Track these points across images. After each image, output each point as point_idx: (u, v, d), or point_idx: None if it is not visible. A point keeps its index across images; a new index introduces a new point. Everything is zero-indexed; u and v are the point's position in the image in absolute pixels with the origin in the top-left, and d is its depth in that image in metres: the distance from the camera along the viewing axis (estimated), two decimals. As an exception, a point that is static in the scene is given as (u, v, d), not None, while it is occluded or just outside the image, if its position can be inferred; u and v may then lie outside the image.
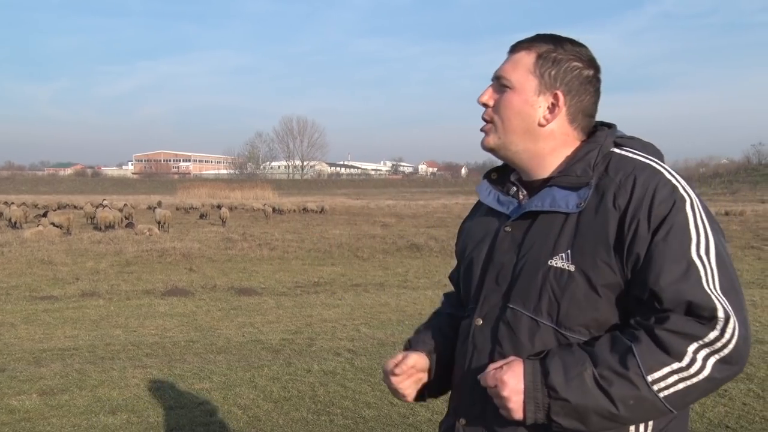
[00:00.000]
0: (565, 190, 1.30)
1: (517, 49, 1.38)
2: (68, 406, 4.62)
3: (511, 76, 1.35)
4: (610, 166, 1.30)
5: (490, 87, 1.39)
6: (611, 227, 1.22)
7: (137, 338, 6.83)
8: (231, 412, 4.52)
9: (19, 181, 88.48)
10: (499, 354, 1.30)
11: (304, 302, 9.09)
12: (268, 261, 13.69)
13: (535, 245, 1.30)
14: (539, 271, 1.27)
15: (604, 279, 1.22)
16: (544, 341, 1.26)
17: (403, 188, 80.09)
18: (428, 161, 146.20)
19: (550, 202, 1.30)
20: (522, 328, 1.28)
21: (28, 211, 25.95)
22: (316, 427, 4.29)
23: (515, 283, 1.31)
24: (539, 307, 1.26)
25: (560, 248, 1.26)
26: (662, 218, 1.19)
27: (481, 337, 1.35)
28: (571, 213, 1.28)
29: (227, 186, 62.67)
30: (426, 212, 30.55)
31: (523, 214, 1.35)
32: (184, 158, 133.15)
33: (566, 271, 1.24)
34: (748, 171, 69.13)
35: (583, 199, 1.27)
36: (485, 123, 1.39)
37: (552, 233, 1.29)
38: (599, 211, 1.25)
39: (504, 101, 1.36)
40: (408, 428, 4.25)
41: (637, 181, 1.23)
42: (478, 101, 1.39)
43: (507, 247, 1.35)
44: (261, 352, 6.20)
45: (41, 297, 9.39)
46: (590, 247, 1.23)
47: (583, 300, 1.23)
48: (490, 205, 1.45)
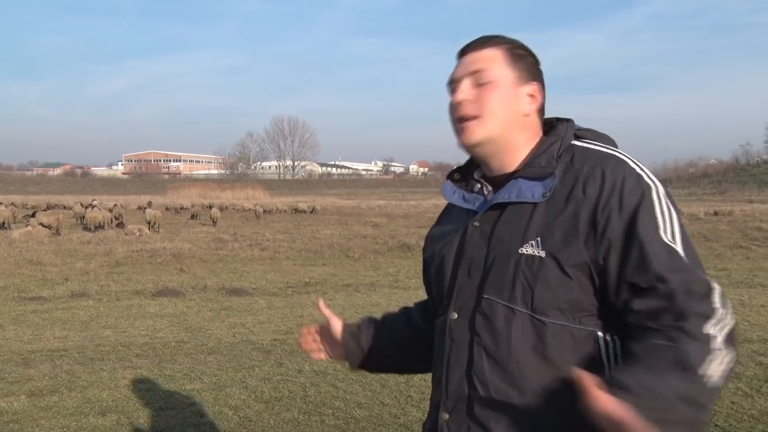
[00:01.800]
0: (530, 181, 1.33)
1: (478, 47, 1.40)
2: (57, 408, 4.59)
3: (492, 70, 1.37)
4: (575, 157, 1.34)
5: (462, 83, 1.39)
6: (582, 215, 1.25)
7: (127, 339, 6.80)
8: (222, 413, 4.51)
9: (7, 181, 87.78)
10: (478, 344, 1.31)
11: (295, 302, 9.08)
12: (259, 261, 13.66)
13: (505, 235, 1.32)
14: (511, 260, 1.29)
15: (575, 262, 1.25)
16: (521, 328, 1.28)
17: (394, 188, 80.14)
18: (419, 161, 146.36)
19: (516, 193, 1.33)
20: (498, 317, 1.30)
21: (16, 212, 25.76)
22: (307, 427, 4.29)
23: (488, 274, 1.33)
24: (513, 294, 1.28)
25: (530, 236, 1.29)
26: (633, 207, 1.24)
27: (458, 330, 1.36)
28: (538, 203, 1.31)
29: (218, 186, 62.44)
30: (417, 212, 30.56)
31: (490, 207, 1.38)
32: (175, 158, 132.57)
33: (537, 257, 1.27)
34: (736, 171, 69.67)
35: (548, 188, 1.30)
36: (467, 119, 1.38)
37: (521, 223, 1.31)
38: (569, 199, 1.28)
39: (489, 94, 1.37)
40: (399, 428, 4.25)
41: (606, 172, 1.28)
42: (456, 100, 1.38)
43: (477, 240, 1.37)
44: (252, 353, 6.18)
45: (30, 298, 9.32)
46: (560, 234, 1.26)
47: (555, 284, 1.26)
48: (456, 203, 1.48)
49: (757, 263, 13.83)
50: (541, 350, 1.26)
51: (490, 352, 1.30)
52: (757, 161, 73.10)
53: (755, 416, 4.26)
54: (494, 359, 1.29)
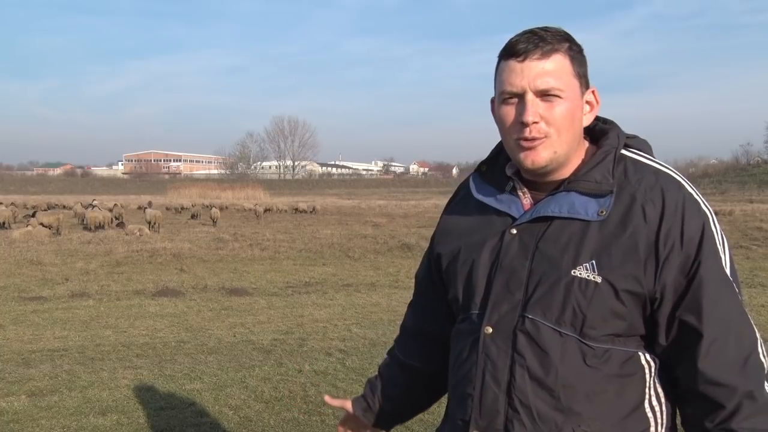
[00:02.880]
0: (584, 196, 1.26)
1: (544, 54, 1.24)
2: (57, 408, 4.59)
3: (563, 84, 1.24)
4: (629, 172, 1.27)
5: (531, 100, 1.24)
6: (642, 241, 1.21)
7: (127, 339, 6.80)
8: (222, 413, 4.51)
9: (7, 181, 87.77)
10: (521, 366, 1.25)
11: (295, 302, 9.07)
12: (259, 261, 13.65)
13: (554, 253, 1.25)
14: (561, 281, 1.23)
15: (631, 290, 1.21)
16: (568, 351, 1.23)
17: (394, 188, 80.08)
18: (419, 161, 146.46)
19: (568, 209, 1.26)
20: (545, 339, 1.24)
21: (16, 212, 25.76)
22: (308, 427, 4.29)
23: (534, 292, 1.25)
24: (562, 318, 1.23)
25: (583, 258, 1.23)
26: (697, 240, 1.21)
27: (495, 347, 1.29)
28: (591, 221, 1.24)
29: (218, 186, 62.33)
30: (417, 212, 30.54)
31: (533, 219, 1.29)
32: (175, 158, 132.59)
33: (592, 282, 1.21)
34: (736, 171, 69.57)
35: (604, 207, 1.24)
36: (534, 140, 1.25)
37: (572, 241, 1.24)
38: (626, 222, 1.22)
39: (559, 112, 1.24)
40: (399, 428, 4.25)
41: (666, 195, 1.23)
42: (528, 120, 1.23)
43: (516, 252, 1.29)
44: (252, 353, 6.18)
45: (30, 298, 9.32)
46: (619, 259, 1.21)
47: (609, 311, 1.21)
48: (488, 203, 1.37)
49: (757, 263, 13.83)
50: (588, 374, 1.23)
51: (534, 375, 1.24)
52: (757, 161, 73.02)
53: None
54: (539, 382, 1.23)
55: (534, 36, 1.24)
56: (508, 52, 1.26)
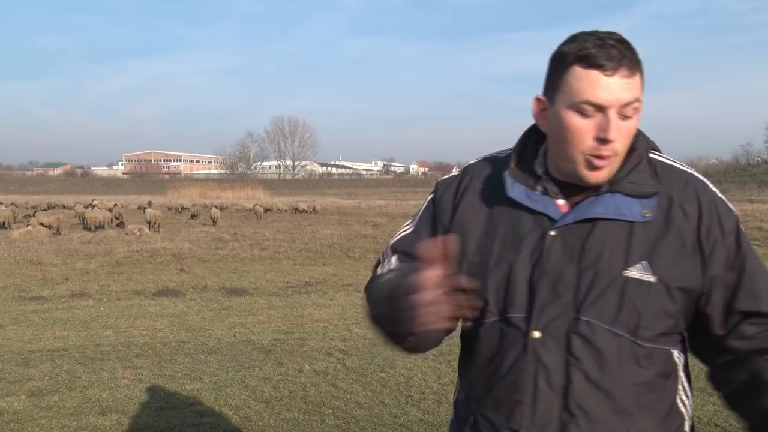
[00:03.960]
0: (628, 197, 1.26)
1: (631, 72, 1.21)
2: (57, 408, 4.60)
3: (639, 102, 1.23)
4: (658, 173, 1.31)
5: (614, 117, 1.20)
6: (688, 238, 1.25)
7: (127, 339, 6.80)
8: (222, 413, 4.51)
9: (7, 181, 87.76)
10: (577, 369, 1.24)
11: (295, 302, 9.08)
12: (259, 261, 13.65)
13: (604, 255, 1.25)
14: (615, 283, 1.23)
15: (683, 287, 1.25)
16: (623, 352, 1.25)
17: (394, 188, 79.96)
18: (419, 161, 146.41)
19: (614, 210, 1.26)
20: (601, 341, 1.24)
21: (16, 212, 25.78)
22: (308, 427, 4.29)
23: (587, 294, 1.24)
24: (618, 319, 1.23)
25: (634, 258, 1.24)
26: (735, 234, 1.28)
27: (546, 351, 1.26)
28: (635, 222, 1.25)
29: (218, 186, 62.38)
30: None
31: (578, 220, 1.28)
32: (175, 158, 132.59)
33: (646, 282, 1.23)
34: (736, 171, 69.53)
35: (649, 208, 1.26)
36: (607, 158, 1.23)
37: (619, 243, 1.25)
38: (669, 221, 1.26)
39: (630, 131, 1.24)
40: (399, 428, 4.25)
41: (699, 193, 1.29)
42: (613, 137, 1.20)
43: (559, 254, 1.27)
44: (252, 353, 6.19)
45: (30, 297, 9.32)
46: (670, 258, 1.24)
47: (662, 310, 1.24)
48: (522, 202, 1.32)
49: (758, 263, 13.85)
50: (640, 374, 1.25)
51: (592, 378, 1.24)
52: (757, 161, 72.99)
53: (755, 416, 4.26)
54: (596, 385, 1.24)
55: (613, 48, 1.20)
56: (590, 62, 1.19)
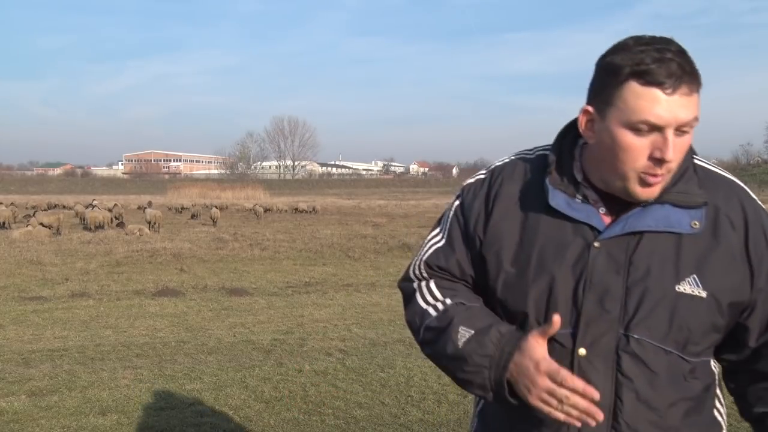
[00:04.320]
0: (677, 208, 1.21)
1: (693, 89, 1.14)
2: (57, 408, 4.60)
3: (696, 122, 1.17)
4: (702, 181, 1.25)
5: (672, 137, 1.14)
6: (736, 249, 1.21)
7: (127, 339, 6.80)
8: (222, 413, 4.51)
9: (7, 181, 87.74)
10: (629, 389, 1.20)
11: (295, 302, 9.07)
12: (259, 261, 13.65)
13: (652, 268, 1.20)
14: (666, 298, 1.19)
15: (733, 302, 1.21)
16: (673, 369, 1.21)
17: (394, 188, 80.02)
18: (419, 161, 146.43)
19: (665, 222, 1.20)
20: (652, 359, 1.19)
21: (16, 212, 25.76)
22: (308, 427, 4.29)
23: (637, 311, 1.19)
24: (669, 335, 1.19)
25: (684, 273, 1.19)
26: None
27: (594, 370, 1.21)
28: (684, 234, 1.20)
29: (218, 186, 62.36)
30: (417, 212, 30.56)
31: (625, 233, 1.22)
32: (175, 158, 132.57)
33: (697, 297, 1.18)
34: (737, 171, 69.48)
35: (697, 219, 1.20)
36: (659, 176, 1.17)
37: (668, 256, 1.20)
38: (717, 233, 1.21)
39: (683, 147, 1.18)
40: (399, 428, 4.25)
41: (744, 203, 1.25)
42: (670, 158, 1.14)
43: (605, 267, 1.21)
44: (252, 353, 6.18)
45: (30, 297, 9.32)
46: (720, 271, 1.20)
47: (711, 325, 1.21)
48: (561, 210, 1.25)
49: (758, 263, 13.85)
50: (687, 389, 1.22)
51: (643, 397, 1.20)
52: (757, 161, 73.02)
53: (755, 416, 4.26)
54: (647, 404, 1.20)
55: (673, 62, 1.12)
56: (649, 78, 1.12)
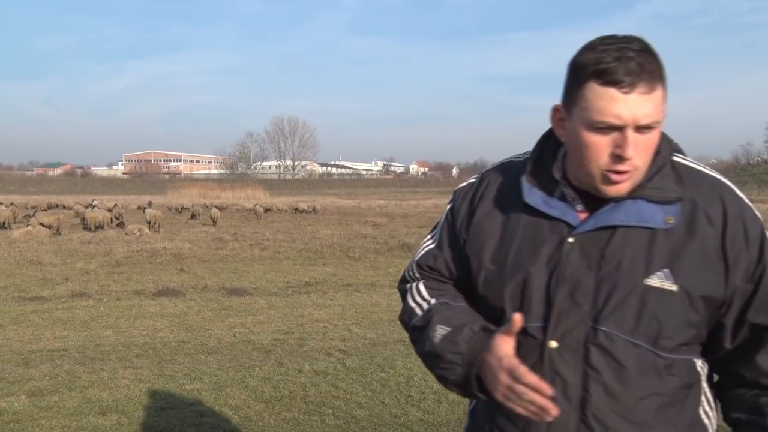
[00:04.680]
0: (650, 203, 1.22)
1: (651, 86, 1.14)
2: (57, 408, 4.60)
3: (659, 118, 1.17)
4: (684, 178, 1.26)
5: (631, 135, 1.16)
6: (712, 246, 1.20)
7: (127, 339, 6.80)
8: (222, 413, 4.51)
9: (7, 181, 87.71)
10: (596, 381, 1.21)
11: (295, 302, 9.07)
12: (260, 261, 13.65)
13: (623, 262, 1.21)
14: (635, 292, 1.20)
15: (707, 297, 1.21)
16: (643, 363, 1.21)
17: (394, 188, 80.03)
18: (419, 161, 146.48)
19: (637, 217, 1.21)
20: (620, 352, 1.20)
21: (16, 212, 25.75)
22: (308, 427, 4.29)
23: (606, 304, 1.21)
24: (638, 329, 1.19)
25: (656, 267, 1.20)
26: (760, 244, 1.22)
27: (563, 363, 1.23)
28: (658, 229, 1.21)
29: (218, 186, 62.29)
30: (417, 212, 30.55)
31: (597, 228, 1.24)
32: (175, 158, 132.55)
33: (668, 291, 1.19)
34: (736, 171, 69.53)
35: (671, 214, 1.21)
36: (621, 173, 1.19)
37: (640, 250, 1.21)
38: (693, 228, 1.21)
39: (649, 145, 1.19)
40: (399, 428, 4.25)
41: (725, 199, 1.24)
42: (630, 155, 1.16)
43: (578, 261, 1.23)
44: (252, 353, 6.18)
45: (30, 298, 9.32)
46: (692, 266, 1.20)
47: (684, 319, 1.20)
48: (540, 209, 1.29)
49: (758, 263, 13.85)
50: (661, 386, 1.22)
51: (611, 390, 1.21)
52: (757, 161, 73.04)
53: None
54: (615, 397, 1.21)
55: (632, 61, 1.13)
56: (606, 78, 1.14)
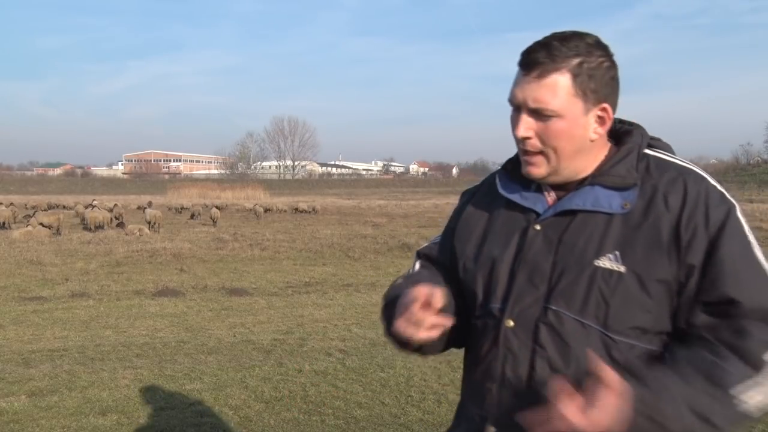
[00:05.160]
0: (608, 190, 1.26)
1: (544, 71, 1.23)
2: (57, 408, 4.60)
3: (555, 106, 1.23)
4: (651, 167, 1.28)
5: (524, 117, 1.26)
6: (665, 228, 1.21)
7: (127, 339, 6.80)
8: (222, 413, 4.51)
9: (7, 181, 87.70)
10: (541, 358, 1.25)
11: (295, 302, 9.07)
12: (259, 261, 13.64)
13: (577, 245, 1.25)
14: (585, 272, 1.22)
15: (656, 280, 1.20)
16: (591, 343, 1.22)
17: (394, 188, 79.99)
18: (419, 161, 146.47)
19: (592, 202, 1.26)
20: (567, 331, 1.23)
21: (16, 212, 25.75)
22: (308, 427, 4.29)
23: (556, 284, 1.25)
24: (585, 308, 1.22)
25: (607, 249, 1.22)
26: (721, 223, 1.20)
27: (516, 340, 1.28)
28: (615, 214, 1.24)
29: (218, 186, 62.35)
30: (417, 212, 30.55)
31: (557, 213, 1.29)
32: (175, 158, 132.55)
33: (616, 272, 1.21)
34: (736, 171, 69.52)
35: (628, 200, 1.24)
36: (531, 154, 1.29)
37: (595, 233, 1.24)
38: (649, 212, 1.22)
39: (553, 132, 1.25)
40: (399, 428, 4.25)
41: (688, 185, 1.23)
42: (518, 136, 1.27)
43: (540, 246, 1.29)
44: (252, 353, 6.18)
45: (30, 298, 9.32)
46: (642, 249, 1.21)
47: (633, 302, 1.20)
48: (513, 199, 1.37)
49: (758, 263, 13.84)
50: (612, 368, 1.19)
51: (555, 366, 1.24)
52: (757, 161, 73.00)
53: (755, 416, 4.26)
54: (559, 374, 1.22)
55: (543, 49, 1.23)
56: (520, 59, 1.27)
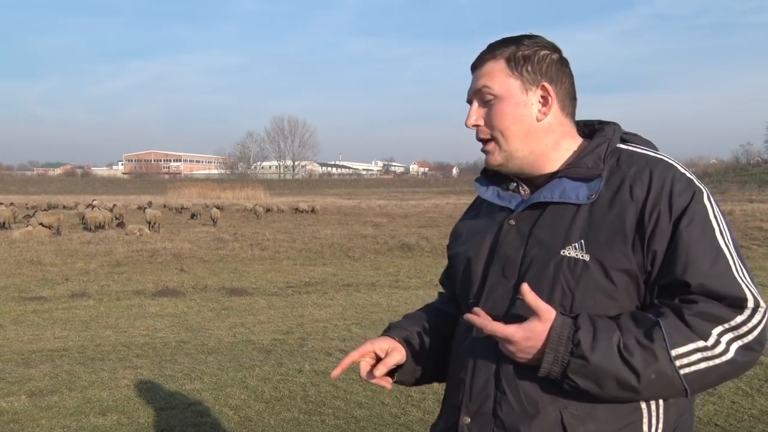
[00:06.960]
0: (575, 181, 1.29)
1: (481, 61, 1.37)
2: (58, 408, 4.59)
3: (494, 86, 1.33)
4: (621, 159, 1.30)
5: (473, 107, 1.37)
6: (629, 218, 1.22)
7: (127, 339, 6.80)
8: (222, 413, 4.51)
9: (7, 181, 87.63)
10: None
11: (295, 302, 9.07)
12: (260, 261, 13.65)
13: (545, 236, 1.28)
14: (551, 262, 1.25)
15: (621, 268, 1.21)
16: None
17: (394, 188, 79.89)
18: (419, 161, 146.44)
19: (560, 193, 1.29)
20: None
21: (16, 212, 25.74)
22: (308, 427, 4.29)
23: (525, 275, 1.27)
24: (552, 297, 1.23)
25: (573, 238, 1.24)
26: (683, 209, 1.21)
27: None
28: (582, 204, 1.27)
29: (218, 186, 62.29)
30: (417, 212, 30.53)
31: (529, 206, 1.33)
32: (175, 158, 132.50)
33: (580, 260, 1.22)
34: (736, 171, 69.41)
35: (594, 191, 1.26)
36: (485, 142, 1.37)
37: (563, 224, 1.27)
38: (614, 202, 1.24)
39: (497, 113, 1.33)
40: (399, 428, 4.25)
41: (654, 174, 1.24)
42: (468, 125, 1.37)
43: (512, 239, 1.32)
44: (252, 353, 6.18)
45: (30, 298, 9.32)
46: (606, 237, 1.22)
47: (598, 290, 1.22)
48: (490, 200, 1.42)
49: (758, 263, 13.80)
50: None
51: None
52: (757, 161, 72.90)
53: (755, 416, 4.26)
54: (524, 364, 1.23)
55: (485, 49, 1.38)
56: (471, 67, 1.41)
